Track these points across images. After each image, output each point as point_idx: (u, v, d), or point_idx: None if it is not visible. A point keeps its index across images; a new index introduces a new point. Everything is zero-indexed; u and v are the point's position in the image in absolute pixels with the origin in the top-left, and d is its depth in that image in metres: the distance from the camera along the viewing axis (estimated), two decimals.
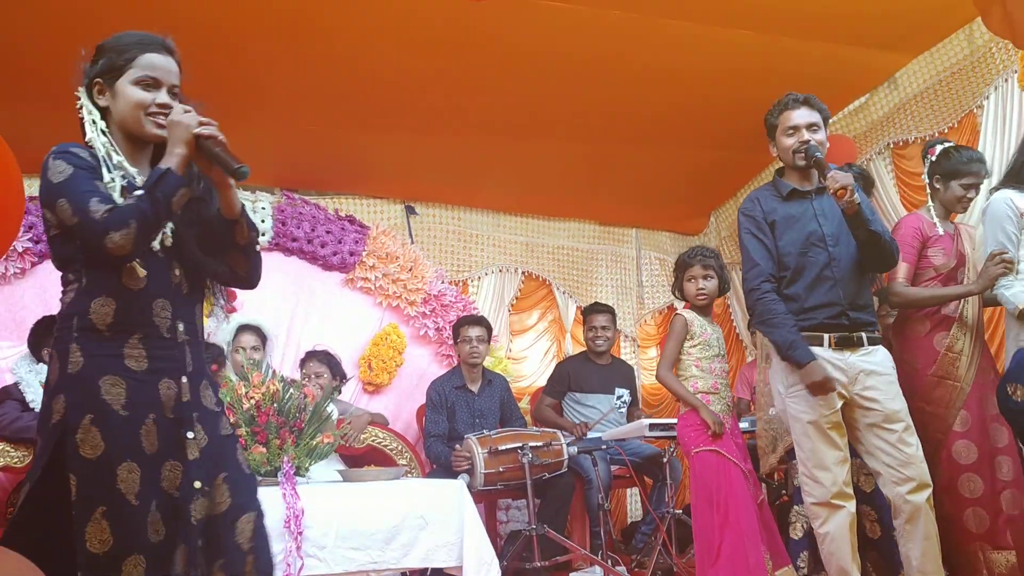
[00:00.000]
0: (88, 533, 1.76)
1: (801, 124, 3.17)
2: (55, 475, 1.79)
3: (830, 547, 3.04)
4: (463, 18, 4.18)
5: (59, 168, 1.89)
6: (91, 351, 1.86)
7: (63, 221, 1.87)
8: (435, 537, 3.39)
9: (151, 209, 1.86)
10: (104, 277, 1.90)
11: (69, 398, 1.83)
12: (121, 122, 2.01)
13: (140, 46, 2.01)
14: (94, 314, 1.88)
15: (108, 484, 1.79)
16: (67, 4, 3.82)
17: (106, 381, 1.85)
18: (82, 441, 1.79)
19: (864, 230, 3.07)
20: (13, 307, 4.57)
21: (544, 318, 6.44)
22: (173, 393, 1.93)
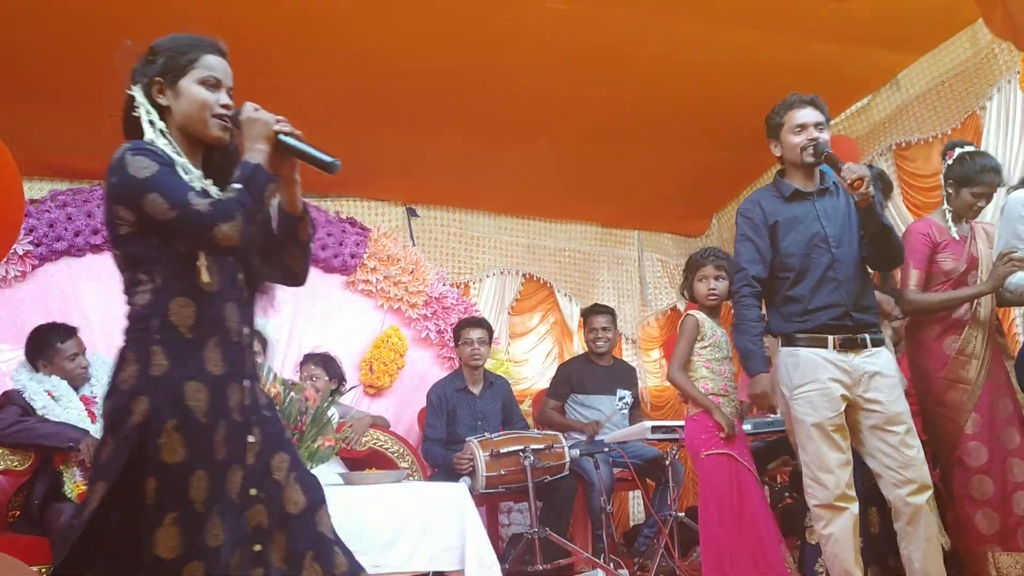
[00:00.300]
0: (158, 537, 1.75)
1: (809, 122, 3.16)
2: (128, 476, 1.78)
3: (833, 549, 3.03)
4: (464, 18, 4.17)
5: (142, 164, 1.84)
6: (175, 354, 1.84)
7: (154, 216, 1.82)
8: (437, 540, 3.37)
9: (251, 202, 1.85)
10: (181, 278, 1.87)
11: (153, 401, 1.79)
12: (184, 121, 1.98)
13: (200, 47, 2.00)
14: (174, 315, 1.85)
15: (182, 491, 1.78)
16: (67, 6, 3.81)
17: (190, 386, 1.83)
18: (163, 446, 1.77)
19: (876, 224, 3.06)
20: (13, 310, 4.56)
21: (545, 320, 6.44)
22: (239, 398, 1.92)
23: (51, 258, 4.68)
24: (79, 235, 4.71)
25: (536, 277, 6.40)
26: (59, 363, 3.93)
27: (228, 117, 1.97)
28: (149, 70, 1.98)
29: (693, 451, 3.59)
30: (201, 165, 2.02)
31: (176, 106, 1.97)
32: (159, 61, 1.98)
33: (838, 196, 3.24)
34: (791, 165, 3.25)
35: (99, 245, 4.77)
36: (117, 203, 1.87)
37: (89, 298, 4.73)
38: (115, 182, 1.87)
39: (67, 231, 4.67)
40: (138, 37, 3.35)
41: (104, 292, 4.79)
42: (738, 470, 3.44)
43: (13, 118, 4.06)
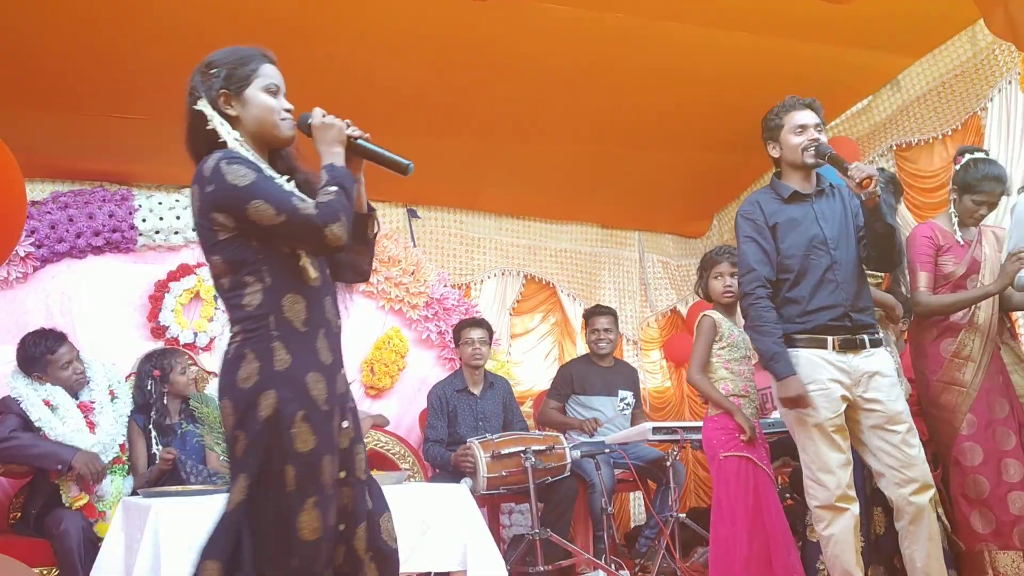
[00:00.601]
0: (301, 522, 1.87)
1: (809, 123, 3.18)
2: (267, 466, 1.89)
3: (834, 549, 3.04)
4: (464, 22, 4.18)
5: (240, 172, 1.93)
6: (295, 348, 1.94)
7: (258, 221, 1.91)
8: (438, 542, 3.37)
9: (348, 203, 1.98)
10: (289, 276, 1.97)
11: (281, 394, 1.89)
12: (257, 128, 2.07)
13: (257, 57, 2.10)
14: (288, 312, 1.96)
15: (317, 476, 1.91)
16: (68, 9, 3.82)
17: (311, 377, 1.94)
18: (297, 435, 1.89)
19: (882, 223, 3.06)
20: (15, 312, 4.56)
21: (546, 321, 6.44)
22: (342, 385, 2.06)
23: (53, 259, 4.68)
24: (80, 236, 4.71)
25: (537, 278, 6.40)
26: (53, 372, 3.89)
27: (296, 121, 2.09)
28: (214, 84, 2.06)
29: (711, 451, 3.55)
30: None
31: (245, 115, 2.07)
32: (221, 74, 2.06)
33: (834, 198, 3.25)
34: (790, 166, 3.25)
35: (100, 247, 4.78)
36: (216, 210, 1.95)
37: (90, 299, 4.74)
38: (213, 190, 1.93)
39: (69, 233, 4.67)
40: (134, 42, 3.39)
41: (105, 294, 4.81)
42: (755, 473, 3.42)
43: (15, 120, 4.07)
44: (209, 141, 2.02)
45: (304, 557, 1.88)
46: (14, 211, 3.01)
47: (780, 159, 3.27)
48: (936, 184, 5.03)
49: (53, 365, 3.88)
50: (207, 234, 1.99)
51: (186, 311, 4.98)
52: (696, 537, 4.60)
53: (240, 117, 2.06)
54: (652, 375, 6.82)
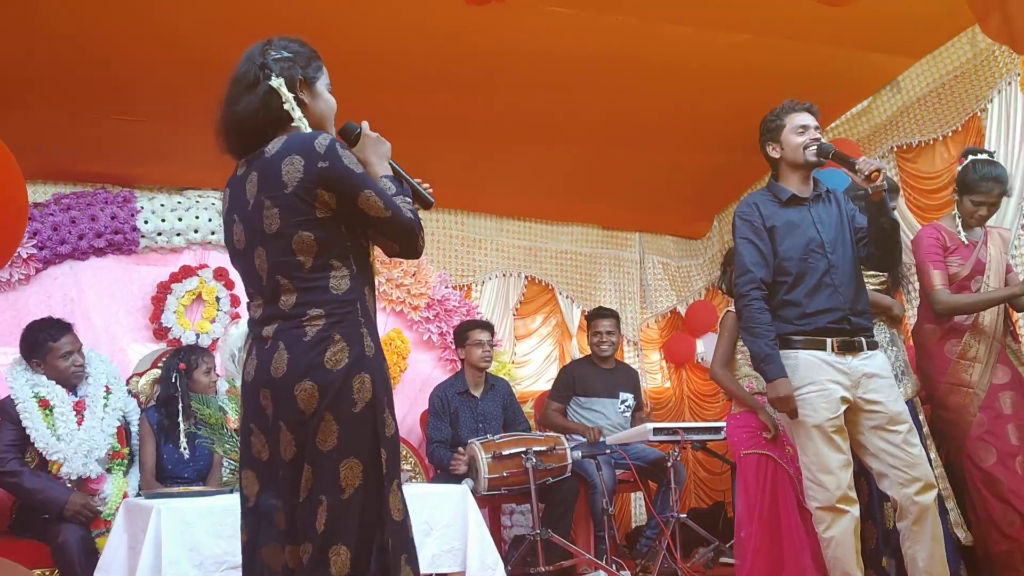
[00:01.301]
0: (391, 503, 1.95)
1: (810, 125, 3.20)
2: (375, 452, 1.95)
3: (835, 551, 3.03)
4: (465, 24, 4.18)
5: (353, 160, 2.00)
6: (375, 337, 2.02)
7: (365, 211, 1.97)
8: (439, 542, 3.38)
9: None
10: (366, 269, 2.06)
11: (375, 379, 1.96)
12: (318, 120, 2.14)
13: (318, 57, 2.20)
14: (368, 301, 2.04)
15: (397, 459, 2.00)
16: (68, 13, 3.83)
17: (383, 365, 2.02)
18: (386, 420, 1.98)
19: (888, 218, 3.07)
20: (18, 313, 4.57)
21: (547, 322, 6.45)
22: None
23: (55, 261, 4.69)
24: (82, 238, 4.72)
25: (538, 279, 6.41)
26: (52, 362, 3.84)
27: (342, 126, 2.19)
28: (294, 67, 2.10)
29: (733, 449, 3.56)
30: None
31: (313, 106, 2.13)
32: (299, 60, 2.12)
33: (831, 203, 3.27)
34: (790, 167, 3.25)
35: (102, 249, 4.79)
36: (323, 187, 1.95)
37: (92, 300, 4.76)
38: (328, 167, 1.95)
39: (71, 234, 4.69)
40: (136, 45, 3.40)
41: (108, 295, 4.82)
42: (775, 472, 3.41)
43: (17, 121, 4.09)
44: (274, 120, 2.05)
45: (396, 536, 1.94)
46: (16, 213, 3.01)
47: (779, 160, 3.27)
48: (937, 185, 5.04)
49: (53, 354, 3.83)
50: (302, 208, 1.95)
51: (188, 313, 4.99)
52: (697, 537, 4.61)
53: (309, 106, 2.12)
54: (652, 376, 6.83)
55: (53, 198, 4.78)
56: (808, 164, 3.20)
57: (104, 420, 3.88)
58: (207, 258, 5.11)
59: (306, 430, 1.92)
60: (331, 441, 1.90)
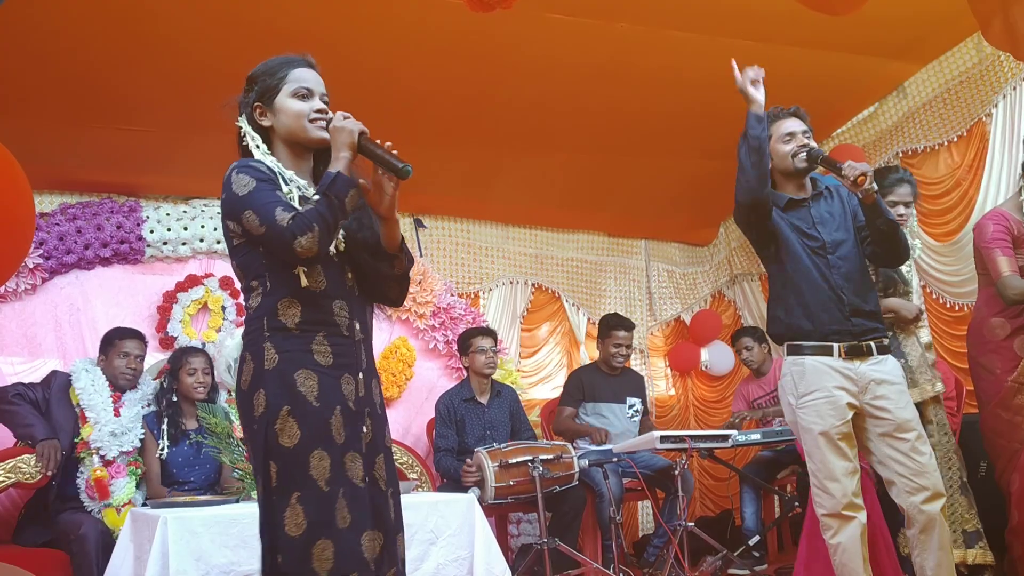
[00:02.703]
0: (286, 517, 1.90)
1: (797, 131, 3.17)
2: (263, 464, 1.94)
3: (842, 558, 3.01)
4: (470, 31, 4.19)
5: (243, 181, 1.99)
6: (284, 348, 1.99)
7: (249, 231, 1.98)
8: (446, 551, 3.38)
9: (329, 212, 1.96)
10: (286, 281, 2.01)
11: (268, 391, 1.95)
12: (287, 134, 2.12)
13: (288, 64, 2.16)
14: (283, 315, 2.00)
15: (303, 471, 1.92)
16: (76, 25, 3.85)
17: (300, 374, 1.97)
18: (280, 431, 1.93)
19: (883, 219, 3.03)
20: (24, 322, 4.59)
21: (554, 330, 6.43)
22: (352, 388, 2.06)
23: (61, 271, 4.70)
24: (88, 248, 4.73)
25: (544, 287, 6.40)
26: (112, 358, 4.12)
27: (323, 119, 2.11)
28: (249, 99, 2.14)
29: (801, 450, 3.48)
30: (310, 174, 2.18)
31: (277, 123, 2.13)
32: (255, 89, 2.14)
33: (832, 200, 3.23)
34: (782, 175, 3.23)
35: (108, 258, 4.80)
36: (227, 217, 2.04)
37: (99, 310, 4.76)
38: (224, 198, 2.03)
39: (77, 244, 4.69)
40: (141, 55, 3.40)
41: (114, 304, 4.82)
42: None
43: (24, 132, 4.09)
44: (248, 155, 2.11)
45: (288, 554, 1.88)
46: (24, 223, 3.01)
47: (772, 170, 3.22)
48: (941, 190, 5.03)
49: (115, 350, 4.13)
50: (227, 240, 2.08)
51: (194, 321, 4.99)
52: (705, 546, 4.59)
53: (273, 127, 2.13)
54: (657, 383, 6.82)
55: (59, 208, 4.79)
56: (798, 171, 3.18)
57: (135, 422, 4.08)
58: (213, 267, 5.11)
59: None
60: (252, 459, 1.99)
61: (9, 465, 3.73)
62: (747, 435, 4.71)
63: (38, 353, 4.49)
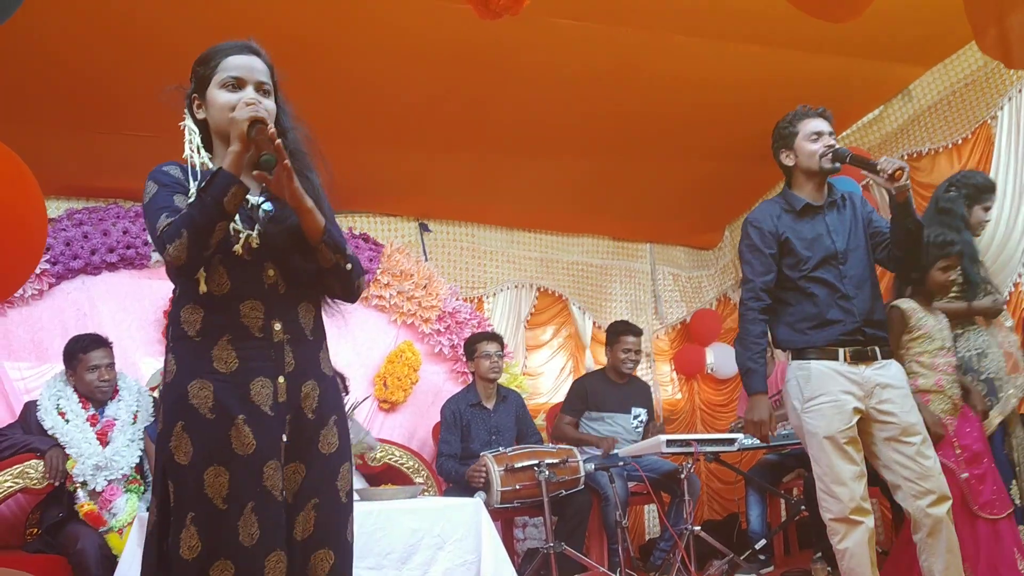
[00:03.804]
0: (181, 539, 1.77)
1: (824, 131, 3.16)
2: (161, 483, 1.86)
3: (849, 563, 3.00)
4: (474, 36, 4.20)
5: (147, 189, 1.93)
6: (182, 358, 1.88)
7: (151, 235, 1.90)
8: (453, 556, 3.38)
9: (199, 214, 1.80)
10: (188, 286, 1.90)
11: (165, 406, 1.87)
12: (216, 128, 1.99)
13: (221, 52, 2.00)
14: (184, 322, 1.90)
15: (197, 489, 1.80)
16: (82, 32, 3.86)
17: (193, 386, 1.84)
18: (175, 448, 1.82)
19: (913, 219, 3.03)
20: (32, 328, 4.60)
21: (559, 334, 6.43)
22: (269, 392, 1.89)
23: (68, 276, 4.71)
24: (95, 253, 4.74)
25: (550, 291, 6.40)
26: (80, 373, 3.92)
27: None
28: (188, 91, 2.03)
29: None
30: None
31: (209, 116, 2.00)
32: (194, 80, 2.02)
33: (845, 209, 3.23)
34: (804, 174, 3.21)
35: (114, 263, 4.81)
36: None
37: (105, 315, 4.77)
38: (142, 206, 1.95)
39: (83, 249, 4.71)
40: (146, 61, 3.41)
41: (120, 309, 4.84)
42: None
43: (30, 138, 4.10)
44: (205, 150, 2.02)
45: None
46: (36, 230, 3.03)
47: (794, 168, 3.23)
48: None
49: (82, 365, 3.92)
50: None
51: None
52: (711, 550, 4.58)
53: (208, 120, 2.00)
54: (663, 388, 6.81)
55: (66, 214, 4.81)
56: (823, 171, 3.16)
57: (128, 448, 3.92)
58: None
59: None
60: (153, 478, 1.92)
61: (17, 471, 3.73)
62: (753, 439, 4.71)
63: (45, 358, 4.50)
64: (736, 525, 5.73)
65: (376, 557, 3.26)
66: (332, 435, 1.99)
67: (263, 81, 2.01)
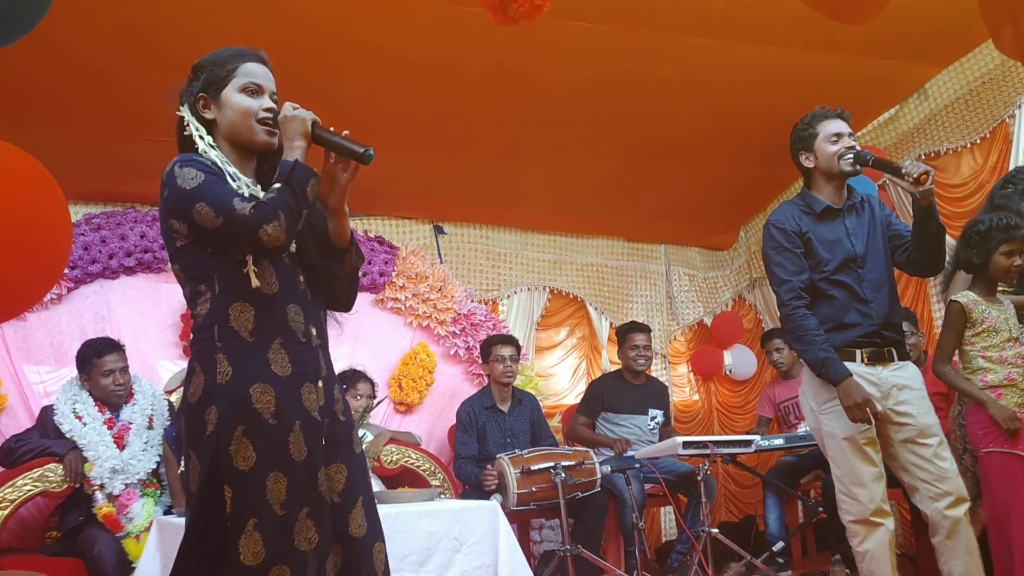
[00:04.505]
0: (242, 545, 1.75)
1: (844, 132, 3.13)
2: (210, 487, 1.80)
3: (869, 565, 2.99)
4: (490, 40, 4.20)
5: (190, 175, 1.85)
6: (238, 359, 1.84)
7: (202, 224, 1.83)
8: (470, 558, 3.38)
9: (293, 199, 1.85)
10: (236, 283, 1.87)
11: (220, 408, 1.80)
12: (231, 131, 1.99)
13: (238, 57, 2.02)
14: (235, 321, 1.85)
15: (259, 495, 1.78)
16: (100, 39, 3.89)
17: (256, 389, 1.82)
18: (235, 453, 1.78)
19: (936, 222, 3.00)
20: (51, 331, 4.63)
21: (573, 335, 6.43)
22: (315, 397, 1.92)
23: (86, 280, 4.75)
24: (113, 257, 4.77)
25: (565, 292, 6.40)
26: (95, 378, 3.96)
27: (272, 120, 1.98)
28: (193, 88, 2.01)
29: (976, 448, 3.34)
30: (254, 173, 2.04)
31: (221, 117, 1.99)
32: (201, 77, 2.01)
33: (864, 212, 3.20)
34: (824, 177, 3.18)
35: (132, 267, 4.84)
36: (171, 216, 1.89)
37: (123, 318, 4.80)
38: (167, 195, 1.88)
39: (101, 254, 4.74)
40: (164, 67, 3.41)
41: (138, 313, 4.87)
42: (1017, 470, 3.13)
43: (48, 144, 4.13)
44: (190, 147, 1.97)
45: None
46: (62, 236, 3.05)
47: (813, 170, 3.20)
48: (965, 193, 4.99)
49: (96, 369, 3.96)
50: (168, 242, 1.93)
51: None
52: (728, 552, 4.57)
53: (217, 121, 1.99)
54: (680, 389, 6.80)
55: (84, 218, 4.84)
56: (844, 174, 3.14)
57: (145, 454, 3.96)
58: None
59: (184, 467, 1.88)
60: (196, 479, 1.81)
61: (36, 474, 3.77)
62: (770, 440, 4.70)
63: (64, 362, 4.53)
64: (753, 527, 5.71)
65: (394, 560, 3.23)
66: (357, 435, 2.06)
67: (275, 91, 2.05)
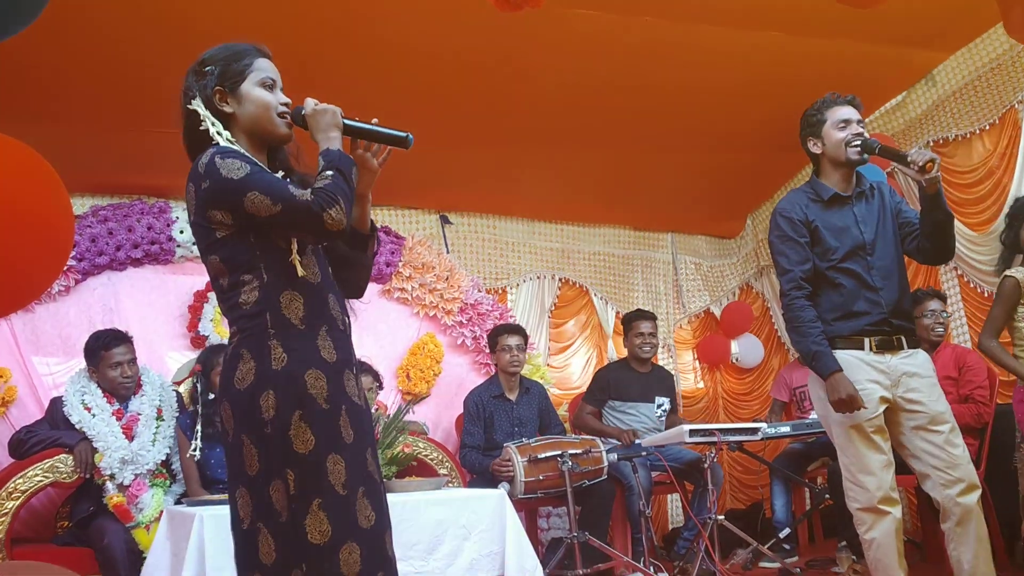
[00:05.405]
0: (308, 525, 1.82)
1: (852, 119, 3.12)
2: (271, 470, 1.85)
3: (876, 554, 2.98)
4: (495, 29, 4.19)
5: (235, 165, 1.88)
6: (292, 346, 1.89)
7: (255, 213, 1.86)
8: (477, 547, 3.39)
9: (347, 186, 1.92)
10: (285, 273, 1.92)
11: (279, 395, 1.85)
12: (252, 124, 2.02)
13: (251, 52, 2.05)
14: (286, 309, 1.90)
15: (321, 477, 1.85)
16: (107, 30, 3.89)
17: (310, 375, 1.88)
18: (294, 437, 1.84)
19: (943, 210, 2.99)
20: (59, 323, 4.65)
21: (582, 324, 6.43)
22: (354, 383, 1.99)
23: (94, 272, 4.76)
24: (120, 249, 4.78)
25: (572, 282, 6.40)
26: (103, 370, 3.98)
27: (290, 115, 2.02)
28: (208, 82, 2.01)
29: (1021, 424, 3.33)
30: (266, 165, 2.05)
31: (240, 111, 2.01)
32: (215, 71, 2.01)
33: (873, 199, 3.19)
34: (832, 163, 3.17)
35: (139, 259, 4.85)
36: (212, 207, 1.90)
37: (131, 310, 4.81)
38: (208, 186, 1.89)
39: (108, 245, 4.75)
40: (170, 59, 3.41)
41: (146, 304, 4.88)
42: None
43: (55, 135, 4.14)
44: (203, 141, 1.98)
45: (313, 563, 1.81)
46: (64, 228, 3.05)
47: (821, 156, 3.19)
48: (975, 179, 4.97)
49: (104, 361, 3.98)
50: (205, 233, 1.95)
51: (225, 321, 5.03)
52: (735, 539, 4.58)
53: (236, 114, 2.01)
54: (685, 377, 6.80)
55: (91, 210, 4.85)
56: (851, 162, 3.12)
57: (155, 444, 3.98)
58: None
59: (230, 452, 1.91)
60: (255, 465, 1.86)
61: (47, 465, 3.78)
62: (777, 428, 4.70)
63: (72, 353, 4.54)
64: (760, 514, 5.72)
65: (402, 548, 3.27)
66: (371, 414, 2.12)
67: (282, 86, 2.09)
